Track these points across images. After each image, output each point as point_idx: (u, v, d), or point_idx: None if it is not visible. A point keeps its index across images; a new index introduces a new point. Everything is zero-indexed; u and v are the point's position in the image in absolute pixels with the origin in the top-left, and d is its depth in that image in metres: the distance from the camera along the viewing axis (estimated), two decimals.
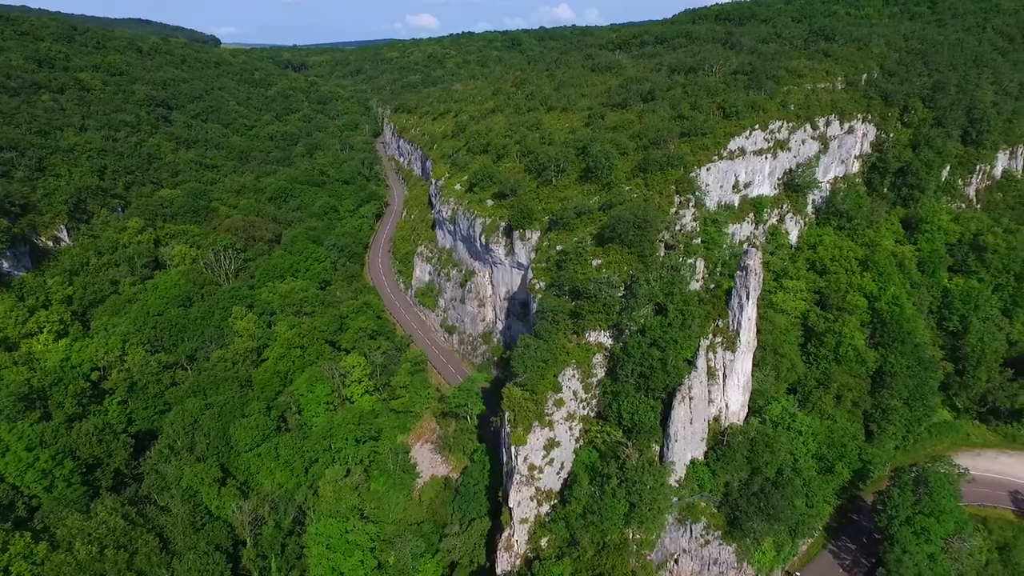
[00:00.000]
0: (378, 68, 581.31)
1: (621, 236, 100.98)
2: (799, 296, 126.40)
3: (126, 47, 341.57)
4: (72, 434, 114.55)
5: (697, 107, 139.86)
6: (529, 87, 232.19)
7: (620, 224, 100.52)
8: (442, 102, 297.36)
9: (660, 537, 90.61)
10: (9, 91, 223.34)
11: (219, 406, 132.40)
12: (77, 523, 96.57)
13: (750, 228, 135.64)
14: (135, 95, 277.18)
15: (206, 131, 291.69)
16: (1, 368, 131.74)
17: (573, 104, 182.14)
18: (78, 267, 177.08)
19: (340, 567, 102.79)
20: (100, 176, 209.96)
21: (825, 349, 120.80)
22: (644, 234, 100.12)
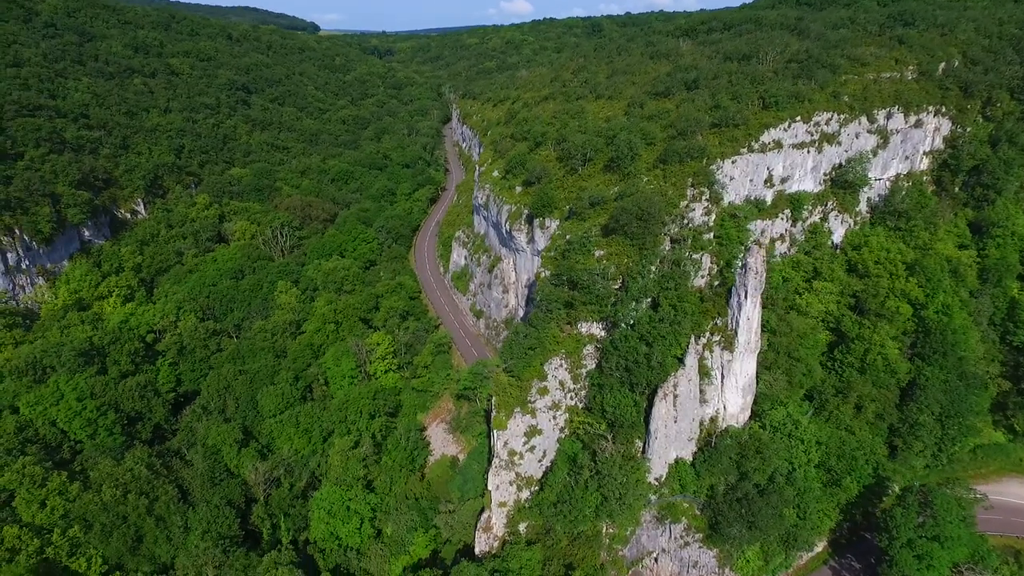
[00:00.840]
0: (457, 54, 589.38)
1: (624, 228, 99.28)
2: (828, 299, 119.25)
3: (217, 34, 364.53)
4: (118, 388, 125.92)
5: (737, 97, 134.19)
6: (585, 74, 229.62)
7: (623, 215, 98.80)
8: (503, 89, 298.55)
9: (635, 533, 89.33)
10: (106, 75, 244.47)
11: (252, 373, 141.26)
12: (107, 468, 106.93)
13: (785, 225, 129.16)
14: (218, 79, 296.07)
15: (281, 114, 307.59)
16: (71, 326, 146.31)
17: (619, 92, 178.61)
18: (149, 238, 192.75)
19: (338, 532, 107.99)
20: (177, 155, 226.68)
21: (852, 356, 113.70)
22: (647, 226, 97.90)
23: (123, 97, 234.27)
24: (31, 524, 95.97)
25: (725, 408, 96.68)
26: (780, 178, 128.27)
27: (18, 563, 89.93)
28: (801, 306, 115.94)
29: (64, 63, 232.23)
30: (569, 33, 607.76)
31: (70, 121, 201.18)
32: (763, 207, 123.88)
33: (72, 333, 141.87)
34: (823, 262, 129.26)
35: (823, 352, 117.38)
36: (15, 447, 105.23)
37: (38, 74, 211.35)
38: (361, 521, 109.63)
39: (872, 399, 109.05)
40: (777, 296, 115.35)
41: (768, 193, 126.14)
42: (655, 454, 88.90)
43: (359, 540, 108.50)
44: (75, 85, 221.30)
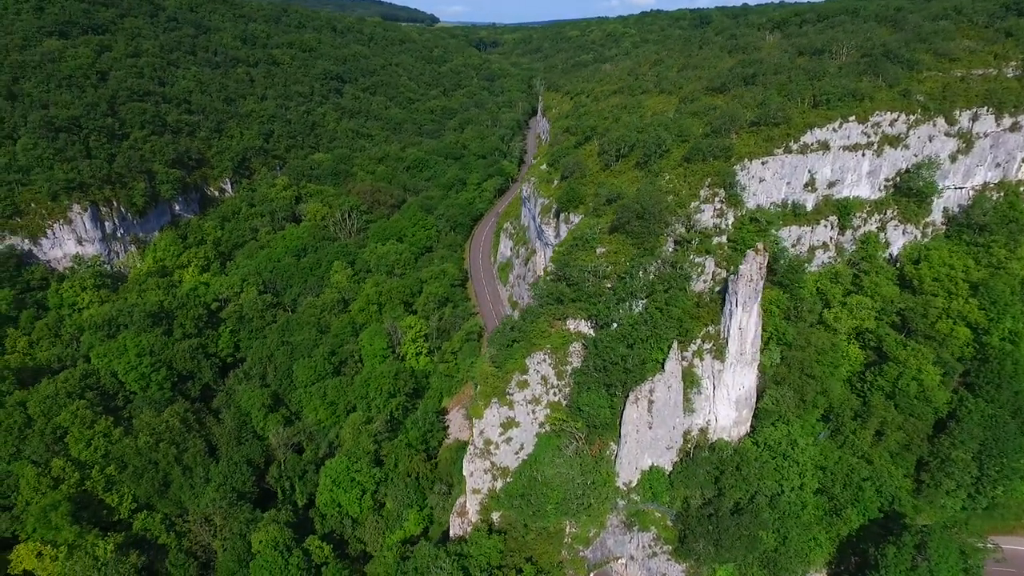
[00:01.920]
0: (556, 47, 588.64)
1: (624, 226, 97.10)
2: (864, 315, 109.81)
3: (323, 26, 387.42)
4: (173, 348, 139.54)
5: (788, 93, 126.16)
6: (659, 68, 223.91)
7: (624, 213, 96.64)
8: (584, 82, 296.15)
9: (599, 536, 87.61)
10: (213, 65, 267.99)
11: (294, 345, 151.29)
12: (147, 418, 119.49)
13: (828, 233, 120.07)
14: (315, 69, 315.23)
15: (371, 103, 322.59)
16: (147, 290, 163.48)
17: (679, 87, 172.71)
18: (231, 215, 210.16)
19: (339, 500, 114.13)
20: (266, 139, 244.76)
21: (883, 379, 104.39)
22: (647, 226, 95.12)
23: (224, 85, 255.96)
24: (76, 459, 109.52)
25: (716, 420, 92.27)
26: (827, 182, 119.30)
27: (60, 491, 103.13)
28: (828, 320, 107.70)
29: (177, 53, 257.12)
30: (675, 26, 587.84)
31: (173, 106, 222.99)
32: (801, 212, 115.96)
33: (147, 296, 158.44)
34: (870, 275, 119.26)
35: (857, 372, 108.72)
36: (76, 391, 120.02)
37: (152, 63, 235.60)
38: (363, 492, 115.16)
39: (898, 427, 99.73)
40: (802, 308, 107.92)
41: (809, 198, 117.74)
42: (624, 458, 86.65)
43: (358, 510, 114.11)
44: (183, 73, 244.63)
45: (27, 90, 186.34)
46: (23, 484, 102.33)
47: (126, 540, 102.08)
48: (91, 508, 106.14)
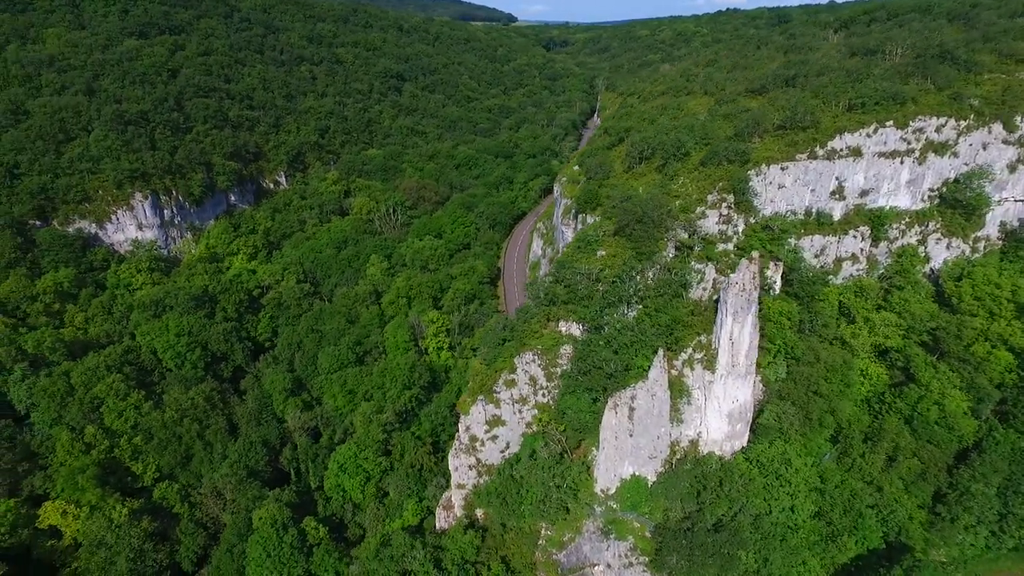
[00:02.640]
0: (624, 46, 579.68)
1: (624, 229, 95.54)
2: (889, 332, 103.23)
3: (389, 26, 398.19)
4: (209, 330, 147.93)
5: (823, 96, 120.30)
6: (711, 69, 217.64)
7: (624, 216, 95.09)
8: (640, 82, 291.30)
9: (575, 541, 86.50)
10: (278, 63, 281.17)
11: (323, 333, 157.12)
12: (175, 394, 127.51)
13: (859, 245, 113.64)
14: (376, 67, 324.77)
15: (428, 101, 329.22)
16: (195, 274, 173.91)
17: (721, 89, 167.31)
18: (282, 206, 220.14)
19: (344, 485, 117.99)
20: (321, 135, 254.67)
21: (902, 402, 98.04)
22: (645, 230, 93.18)
23: (286, 82, 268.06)
24: (108, 428, 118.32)
25: (708, 432, 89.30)
26: (858, 190, 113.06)
27: (91, 456, 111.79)
28: (845, 336, 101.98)
29: (245, 52, 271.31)
30: (750, 25, 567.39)
31: (236, 102, 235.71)
32: (826, 221, 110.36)
33: (194, 280, 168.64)
34: (903, 290, 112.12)
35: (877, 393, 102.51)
36: (115, 365, 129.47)
37: (220, 62, 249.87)
38: (367, 479, 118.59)
39: (912, 453, 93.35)
40: (817, 321, 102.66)
41: (836, 206, 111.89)
42: (602, 464, 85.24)
43: (361, 496, 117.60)
44: (249, 71, 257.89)
45: (104, 86, 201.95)
46: (59, 447, 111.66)
47: (143, 507, 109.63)
48: (117, 474, 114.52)
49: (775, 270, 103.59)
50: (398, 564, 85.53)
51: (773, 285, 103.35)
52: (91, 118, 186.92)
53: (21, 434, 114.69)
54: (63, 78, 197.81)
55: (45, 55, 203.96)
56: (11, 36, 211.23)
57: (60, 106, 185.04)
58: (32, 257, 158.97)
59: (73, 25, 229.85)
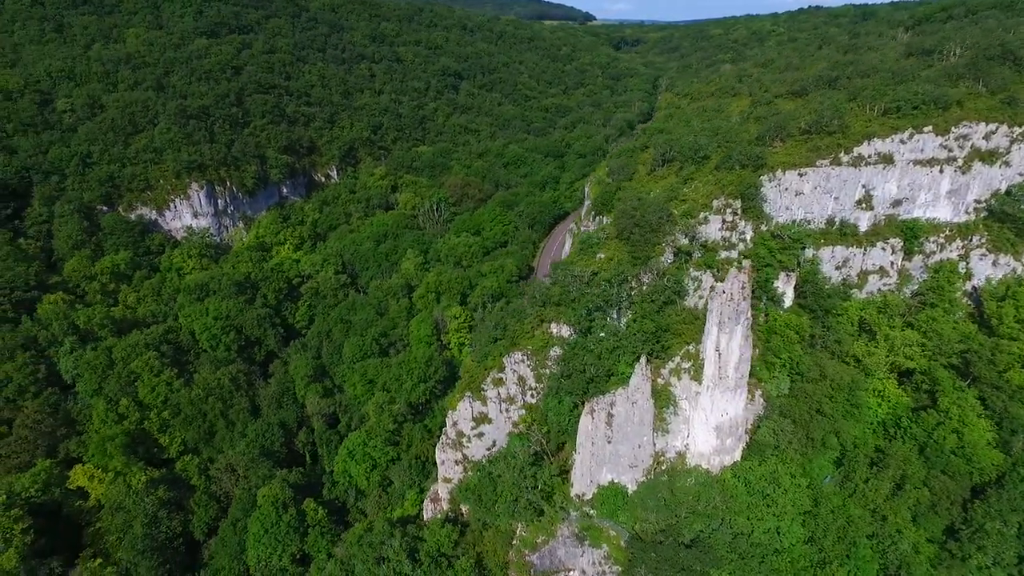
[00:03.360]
0: (695, 46, 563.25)
1: (622, 232, 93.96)
2: (910, 352, 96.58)
3: (453, 25, 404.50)
4: (244, 315, 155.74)
5: (860, 98, 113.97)
6: (763, 70, 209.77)
7: (622, 220, 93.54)
8: (697, 84, 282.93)
9: (548, 544, 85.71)
10: (338, 61, 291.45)
11: (352, 323, 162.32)
12: (204, 373, 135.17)
13: (888, 258, 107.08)
14: (434, 66, 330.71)
15: (484, 99, 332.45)
16: (240, 262, 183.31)
17: (764, 90, 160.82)
18: (331, 199, 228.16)
19: (351, 471, 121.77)
20: (374, 131, 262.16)
21: (918, 427, 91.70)
22: (643, 234, 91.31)
23: (344, 80, 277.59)
24: (140, 401, 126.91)
25: (696, 445, 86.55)
26: (890, 200, 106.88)
27: (122, 426, 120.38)
28: (857, 354, 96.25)
29: (308, 50, 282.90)
30: (832, 23, 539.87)
31: (294, 98, 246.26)
32: (850, 231, 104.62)
33: (238, 267, 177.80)
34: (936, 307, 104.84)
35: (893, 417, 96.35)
36: (154, 343, 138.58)
37: (283, 60, 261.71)
38: (372, 467, 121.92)
39: (923, 482, 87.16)
40: (828, 337, 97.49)
41: (863, 216, 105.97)
42: (578, 469, 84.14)
43: (366, 483, 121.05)
44: (309, 69, 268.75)
45: (173, 82, 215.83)
46: (95, 416, 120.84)
47: (164, 477, 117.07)
48: (146, 445, 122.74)
49: (786, 281, 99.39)
50: (376, 551, 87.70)
51: (783, 297, 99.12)
52: (157, 112, 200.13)
53: (65, 402, 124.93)
54: (136, 75, 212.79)
55: (124, 53, 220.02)
56: (97, 36, 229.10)
57: (131, 101, 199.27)
58: (96, 240, 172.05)
59: (152, 25, 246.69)
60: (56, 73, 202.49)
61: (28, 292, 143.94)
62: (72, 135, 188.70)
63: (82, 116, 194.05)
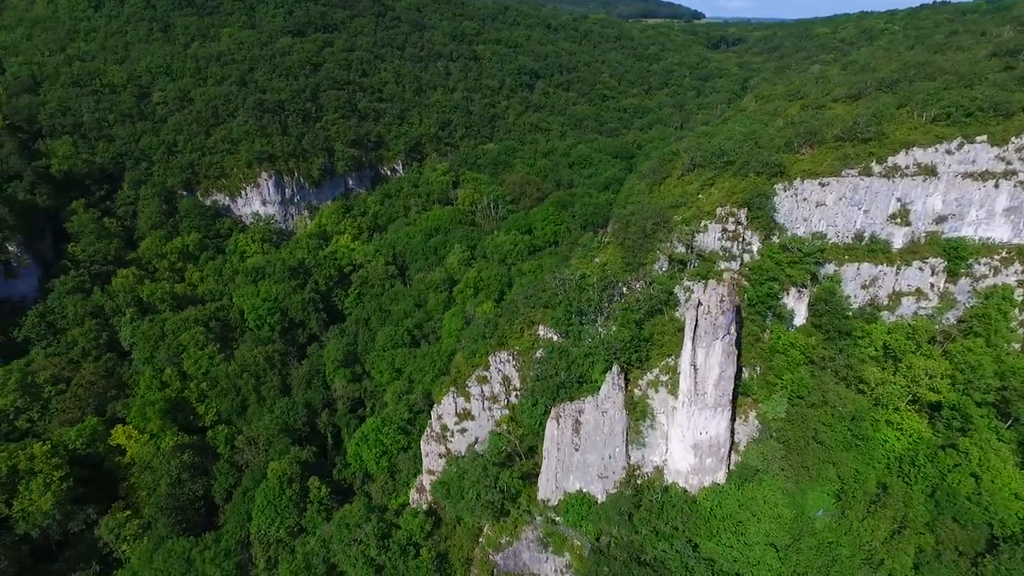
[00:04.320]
0: (796, 45, 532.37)
1: (617, 237, 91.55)
2: (932, 384, 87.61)
3: (537, 24, 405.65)
4: (290, 299, 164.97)
5: (910, 102, 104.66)
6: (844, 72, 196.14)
7: (617, 224, 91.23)
8: (774, 86, 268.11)
9: (512, 545, 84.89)
10: (415, 59, 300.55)
11: (390, 313, 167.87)
12: (244, 351, 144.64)
13: (928, 279, 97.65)
14: (511, 64, 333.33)
15: (558, 99, 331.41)
16: (298, 248, 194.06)
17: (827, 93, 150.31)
18: (393, 192, 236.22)
19: (362, 454, 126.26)
20: (442, 127, 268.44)
21: (932, 467, 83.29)
22: (637, 240, 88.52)
23: (418, 77, 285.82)
24: (184, 372, 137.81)
25: (673, 461, 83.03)
26: (933, 215, 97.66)
27: (164, 393, 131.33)
28: (869, 380, 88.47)
29: (387, 49, 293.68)
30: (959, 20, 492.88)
31: (367, 94, 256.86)
32: (880, 248, 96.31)
33: (294, 253, 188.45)
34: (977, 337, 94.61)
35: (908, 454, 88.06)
36: (203, 320, 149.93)
37: (361, 57, 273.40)
38: (382, 453, 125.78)
39: (927, 526, 79.12)
40: (839, 360, 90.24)
41: (897, 232, 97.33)
42: (544, 475, 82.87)
43: (375, 467, 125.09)
44: (386, 66, 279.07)
45: (255, 78, 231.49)
46: (142, 382, 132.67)
47: (193, 443, 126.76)
48: (184, 412, 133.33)
49: (797, 298, 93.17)
50: (352, 532, 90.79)
51: (792, 314, 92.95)
52: (237, 106, 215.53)
53: (120, 367, 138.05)
54: (224, 71, 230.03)
55: (216, 51, 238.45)
56: (196, 35, 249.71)
57: (216, 95, 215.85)
58: (173, 222, 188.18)
59: (246, 25, 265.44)
60: (155, 69, 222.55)
61: (105, 266, 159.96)
62: (162, 125, 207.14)
63: (172, 108, 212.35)
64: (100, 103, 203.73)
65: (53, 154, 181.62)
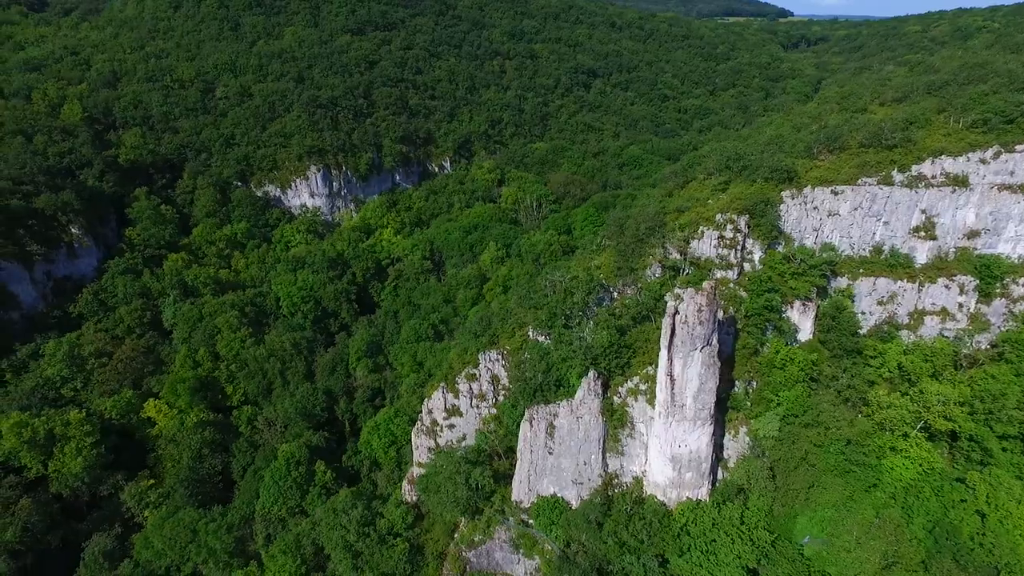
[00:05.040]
0: (881, 45, 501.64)
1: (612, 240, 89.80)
2: (945, 411, 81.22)
3: (600, 22, 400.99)
4: (324, 289, 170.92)
5: (950, 107, 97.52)
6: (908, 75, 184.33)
7: (612, 228, 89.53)
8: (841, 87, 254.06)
9: (484, 544, 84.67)
10: (471, 57, 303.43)
11: (418, 307, 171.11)
12: (273, 336, 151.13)
13: (955, 297, 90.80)
14: (568, 63, 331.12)
15: (615, 98, 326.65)
16: (340, 240, 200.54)
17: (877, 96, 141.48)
18: (439, 188, 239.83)
19: (372, 443, 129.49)
20: (492, 125, 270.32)
21: (936, 501, 77.39)
22: (629, 245, 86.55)
23: (472, 75, 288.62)
24: (216, 353, 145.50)
25: (652, 473, 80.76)
26: (963, 230, 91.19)
27: (196, 372, 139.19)
28: (872, 403, 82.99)
29: (444, 47, 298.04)
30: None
31: (419, 91, 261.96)
32: (901, 262, 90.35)
33: (335, 245, 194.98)
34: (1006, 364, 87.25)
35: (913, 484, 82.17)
36: (239, 305, 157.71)
37: (417, 56, 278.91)
38: (392, 443, 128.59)
39: (923, 564, 73.51)
40: (842, 380, 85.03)
41: (920, 246, 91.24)
42: (517, 476, 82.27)
43: (383, 456, 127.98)
44: (440, 64, 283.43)
45: (312, 75, 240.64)
46: (177, 360, 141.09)
47: (217, 421, 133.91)
48: (214, 391, 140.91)
49: (802, 311, 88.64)
50: (337, 517, 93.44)
51: (796, 329, 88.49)
52: (292, 101, 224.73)
53: (160, 345, 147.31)
54: (284, 67, 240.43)
55: (278, 49, 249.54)
56: (262, 33, 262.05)
57: (273, 90, 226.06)
58: (226, 211, 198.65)
59: (310, 23, 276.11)
60: (220, 66, 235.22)
61: (158, 250, 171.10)
62: (223, 119, 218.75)
63: (233, 103, 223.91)
64: (168, 97, 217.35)
65: (122, 144, 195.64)
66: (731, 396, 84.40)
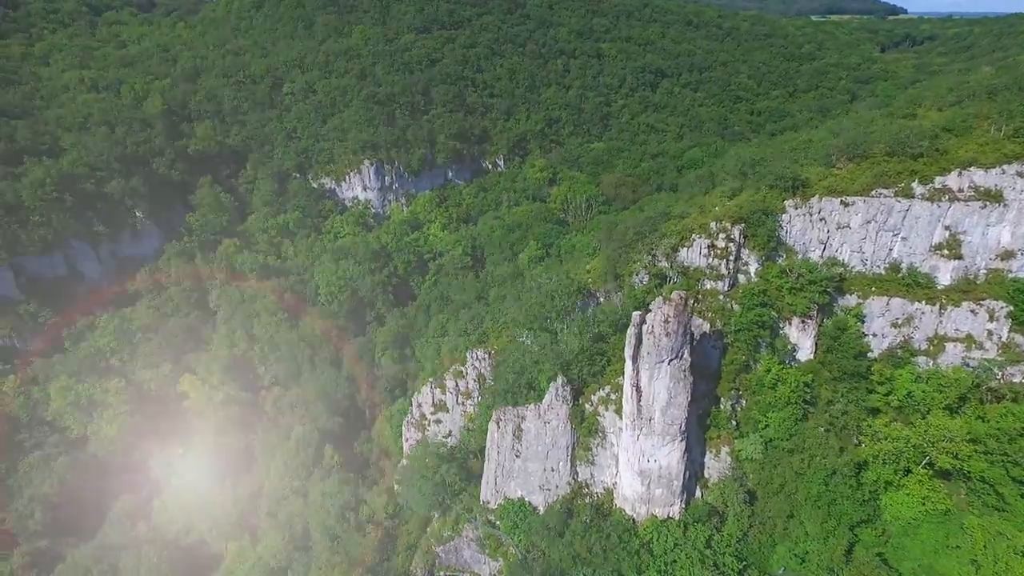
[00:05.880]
0: (994, 44, 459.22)
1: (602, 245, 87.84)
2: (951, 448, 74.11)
3: (676, 21, 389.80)
4: (362, 280, 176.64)
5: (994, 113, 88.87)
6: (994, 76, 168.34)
7: (602, 234, 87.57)
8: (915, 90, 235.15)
9: (453, 540, 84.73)
10: (534, 55, 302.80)
11: (452, 302, 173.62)
12: (306, 322, 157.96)
13: (984, 324, 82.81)
14: (635, 62, 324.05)
15: (683, 99, 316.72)
16: (385, 232, 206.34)
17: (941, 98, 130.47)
18: (490, 186, 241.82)
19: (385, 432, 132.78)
20: (549, 125, 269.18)
21: (933, 543, 70.89)
22: (617, 250, 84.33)
23: (533, 74, 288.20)
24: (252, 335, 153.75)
25: (621, 485, 78.43)
26: (996, 250, 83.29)
27: (231, 352, 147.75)
28: (867, 432, 76.88)
29: (508, 46, 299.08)
30: None
31: (478, 89, 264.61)
32: (920, 282, 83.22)
33: (380, 237, 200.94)
34: None
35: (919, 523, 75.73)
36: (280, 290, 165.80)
37: (479, 54, 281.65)
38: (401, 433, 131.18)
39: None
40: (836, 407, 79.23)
41: (944, 265, 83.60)
42: (485, 476, 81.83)
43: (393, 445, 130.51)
44: (503, 63, 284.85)
45: (374, 72, 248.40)
46: (216, 339, 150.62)
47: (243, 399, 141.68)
48: (245, 370, 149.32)
49: (801, 329, 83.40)
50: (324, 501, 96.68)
51: (794, 347, 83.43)
52: (352, 98, 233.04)
53: (204, 325, 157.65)
54: (348, 64, 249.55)
55: (345, 47, 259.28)
56: (332, 32, 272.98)
57: (335, 87, 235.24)
58: (282, 201, 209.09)
59: (378, 22, 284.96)
60: (290, 63, 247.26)
61: (213, 236, 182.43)
62: (287, 113, 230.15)
63: (298, 98, 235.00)
64: (240, 92, 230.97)
65: (194, 135, 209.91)
66: (714, 413, 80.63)
